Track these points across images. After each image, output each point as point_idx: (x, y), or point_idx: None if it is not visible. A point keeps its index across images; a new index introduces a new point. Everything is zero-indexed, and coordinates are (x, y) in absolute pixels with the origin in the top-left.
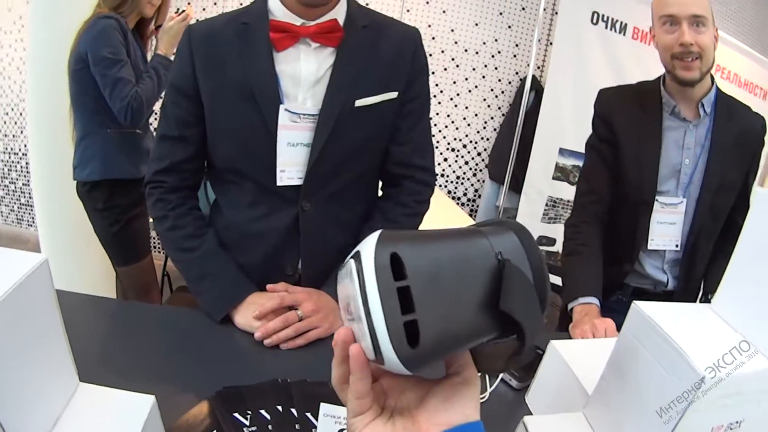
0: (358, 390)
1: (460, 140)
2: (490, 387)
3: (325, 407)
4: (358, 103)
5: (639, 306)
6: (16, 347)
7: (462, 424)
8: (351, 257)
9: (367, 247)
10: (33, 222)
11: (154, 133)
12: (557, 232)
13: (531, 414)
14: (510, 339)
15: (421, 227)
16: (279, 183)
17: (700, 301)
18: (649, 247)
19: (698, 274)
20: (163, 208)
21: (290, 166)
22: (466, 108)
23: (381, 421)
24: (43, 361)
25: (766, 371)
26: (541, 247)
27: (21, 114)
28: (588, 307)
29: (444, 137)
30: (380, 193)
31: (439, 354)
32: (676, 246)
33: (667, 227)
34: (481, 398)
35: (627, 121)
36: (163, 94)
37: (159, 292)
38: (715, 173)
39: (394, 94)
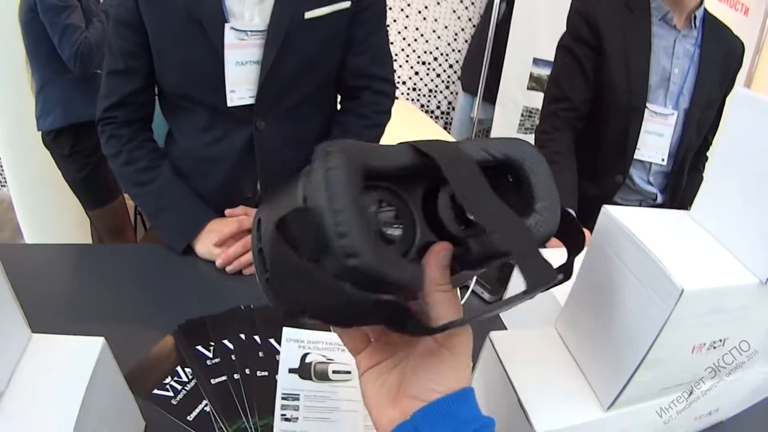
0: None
1: (431, 53)
2: (461, 300)
3: (287, 332)
4: (308, 15)
5: (610, 210)
6: None
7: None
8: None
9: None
10: (5, 183)
11: None
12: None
13: (506, 329)
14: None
15: (398, 142)
16: (230, 104)
17: None
18: (636, 157)
19: (683, 187)
20: (116, 144)
21: (240, 86)
22: (436, 20)
23: (383, 369)
24: None
25: (749, 287)
26: None
27: None
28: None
29: (414, 51)
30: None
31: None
32: (663, 159)
33: (655, 138)
34: None
35: (613, 21)
36: None
37: (133, 231)
38: (704, 87)
39: (346, 4)
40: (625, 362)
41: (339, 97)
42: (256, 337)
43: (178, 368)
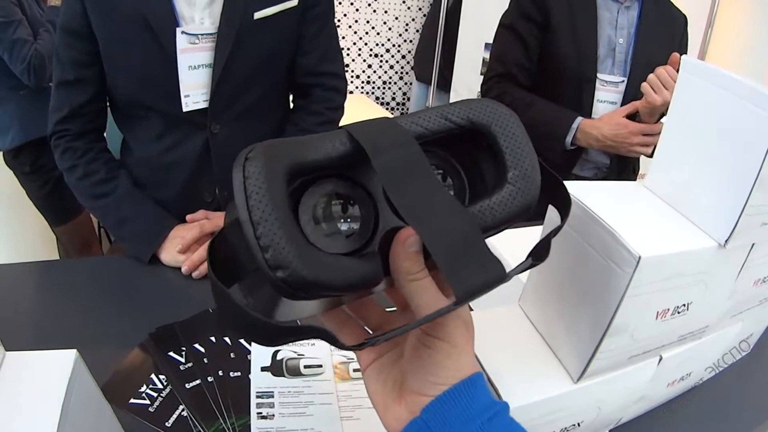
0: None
1: (383, 45)
2: None
3: None
4: (257, 15)
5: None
6: None
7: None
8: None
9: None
10: None
11: None
12: None
13: (471, 310)
14: None
15: None
16: (185, 109)
17: None
18: None
19: (630, 160)
20: (71, 158)
21: (194, 90)
22: (386, 12)
23: (384, 363)
24: None
25: (707, 250)
26: None
27: None
28: (582, 126)
29: (366, 44)
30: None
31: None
32: None
33: (607, 106)
34: None
35: None
36: None
37: (99, 245)
38: (644, 51)
39: (293, 2)
40: (590, 333)
41: (291, 96)
42: (227, 339)
43: (153, 376)
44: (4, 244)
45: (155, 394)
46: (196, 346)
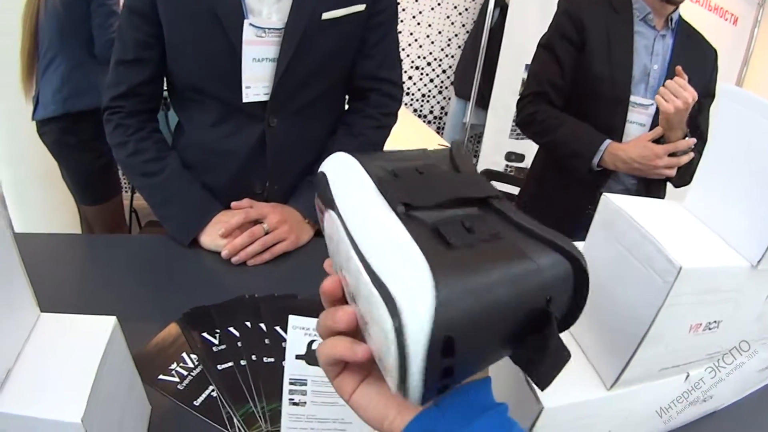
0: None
1: (424, 58)
2: None
3: (293, 319)
4: (325, 15)
5: (609, 197)
6: None
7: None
8: (375, 291)
9: (413, 312)
10: None
11: None
12: (526, 148)
13: None
14: None
15: (387, 147)
16: (245, 100)
17: None
18: None
19: (657, 182)
20: (122, 134)
21: (256, 82)
22: (429, 26)
23: (369, 383)
24: (1, 293)
25: (740, 269)
26: (509, 164)
27: None
28: (610, 149)
29: (408, 55)
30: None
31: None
32: None
33: (637, 128)
34: None
35: (598, 20)
36: None
37: (128, 230)
38: None
39: (361, 7)
40: (627, 340)
41: (347, 98)
42: (262, 325)
43: (184, 354)
44: (30, 220)
45: (185, 373)
46: (231, 329)
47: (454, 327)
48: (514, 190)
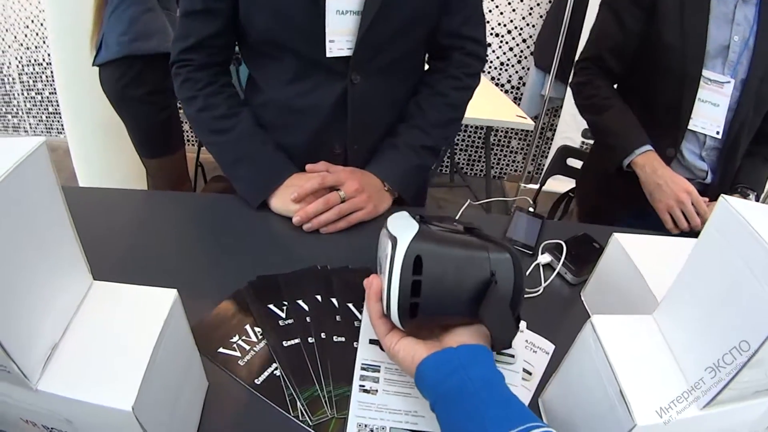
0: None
1: (505, 25)
2: (545, 281)
3: None
4: None
5: (729, 201)
6: (14, 244)
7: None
8: (389, 238)
9: (403, 240)
10: (62, 129)
11: None
12: None
13: (587, 312)
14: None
15: (467, 115)
16: (329, 54)
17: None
18: (689, 127)
19: (735, 169)
20: (191, 88)
21: (339, 36)
22: None
23: (407, 337)
24: (48, 257)
25: None
26: (585, 140)
27: (42, 24)
28: (648, 155)
29: (488, 22)
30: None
31: (426, 324)
32: (717, 133)
33: (710, 108)
34: (535, 292)
35: None
36: None
37: (191, 185)
38: (763, 54)
39: None
40: (731, 360)
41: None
42: (333, 300)
43: (247, 327)
44: (94, 173)
45: (248, 347)
46: (300, 302)
47: (423, 251)
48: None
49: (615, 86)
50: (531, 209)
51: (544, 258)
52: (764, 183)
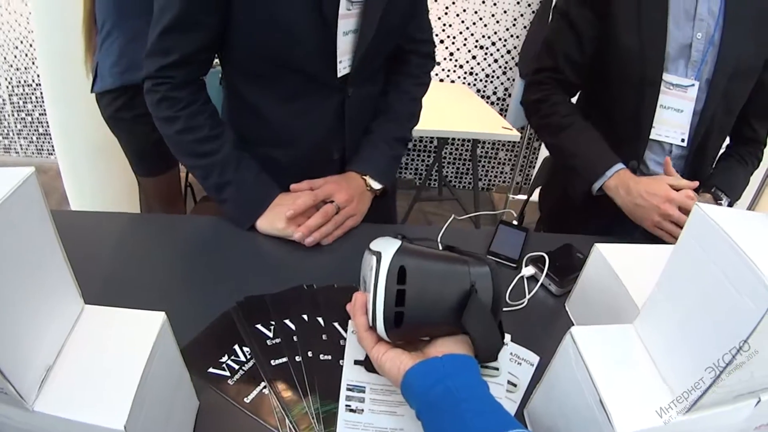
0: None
1: (489, 37)
2: (529, 293)
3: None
4: None
5: (703, 208)
6: (7, 273)
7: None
8: (373, 254)
9: (387, 254)
10: (53, 151)
11: None
12: None
13: (571, 322)
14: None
15: (454, 129)
16: (340, 74)
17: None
18: (651, 137)
19: (706, 175)
20: (171, 108)
21: (344, 56)
22: (495, 4)
23: (394, 349)
24: (41, 284)
25: None
26: None
27: (31, 45)
28: (621, 174)
29: (472, 34)
30: None
31: (412, 335)
32: (682, 140)
33: (672, 114)
34: (520, 304)
35: None
36: None
37: (183, 203)
38: (730, 50)
39: None
40: (712, 365)
41: None
42: (320, 319)
43: (236, 347)
44: (86, 194)
45: (237, 366)
46: (287, 322)
47: (406, 262)
48: None
49: (573, 100)
50: (515, 222)
51: (528, 270)
52: (740, 185)
